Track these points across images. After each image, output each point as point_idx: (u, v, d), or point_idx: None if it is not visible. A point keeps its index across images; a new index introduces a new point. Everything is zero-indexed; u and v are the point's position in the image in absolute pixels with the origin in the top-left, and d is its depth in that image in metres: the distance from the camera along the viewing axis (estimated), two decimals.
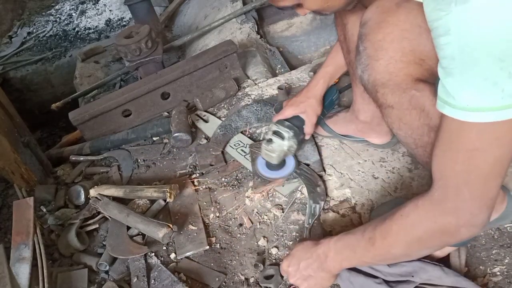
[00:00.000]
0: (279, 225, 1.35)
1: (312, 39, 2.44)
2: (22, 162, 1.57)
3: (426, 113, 0.92)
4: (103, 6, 3.77)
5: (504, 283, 1.08)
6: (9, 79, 3.04)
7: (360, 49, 0.96)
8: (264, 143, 1.39)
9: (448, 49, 0.70)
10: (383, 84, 0.94)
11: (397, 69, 0.91)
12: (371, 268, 1.09)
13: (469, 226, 0.82)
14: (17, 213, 1.38)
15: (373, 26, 0.92)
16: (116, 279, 1.29)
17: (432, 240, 0.88)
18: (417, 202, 0.87)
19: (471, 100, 0.70)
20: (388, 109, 0.98)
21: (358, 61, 0.98)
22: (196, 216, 1.42)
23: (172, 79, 1.83)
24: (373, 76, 0.95)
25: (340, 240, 1.03)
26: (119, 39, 1.92)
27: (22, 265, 1.24)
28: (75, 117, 1.76)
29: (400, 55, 0.89)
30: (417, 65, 0.90)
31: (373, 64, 0.93)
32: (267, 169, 1.45)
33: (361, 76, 0.99)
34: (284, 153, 1.38)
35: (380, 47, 0.91)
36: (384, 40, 0.90)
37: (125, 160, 1.72)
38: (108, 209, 1.41)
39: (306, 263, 1.08)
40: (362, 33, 0.95)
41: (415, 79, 0.91)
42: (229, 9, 2.55)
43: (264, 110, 1.76)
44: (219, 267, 1.28)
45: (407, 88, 0.92)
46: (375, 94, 0.98)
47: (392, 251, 0.93)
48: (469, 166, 0.77)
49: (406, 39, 0.88)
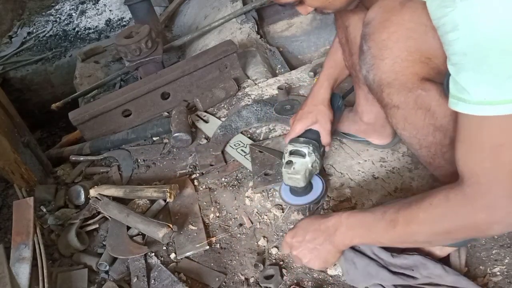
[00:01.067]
0: (279, 225, 1.35)
1: (312, 39, 2.44)
2: (22, 162, 1.57)
3: (432, 113, 0.91)
4: (103, 6, 3.78)
5: (504, 283, 1.08)
6: (9, 79, 3.04)
7: (364, 49, 0.95)
8: (285, 168, 1.23)
9: (458, 45, 0.69)
10: (389, 84, 0.93)
11: (403, 68, 0.90)
12: (374, 254, 1.08)
13: (502, 223, 0.80)
14: (17, 213, 1.38)
15: (377, 26, 0.91)
16: (116, 279, 1.29)
17: (460, 233, 0.86)
18: (448, 194, 0.83)
19: (488, 93, 0.69)
20: (393, 109, 0.97)
21: (362, 61, 0.97)
22: (196, 216, 1.42)
23: (172, 79, 1.83)
24: (379, 75, 0.94)
25: (353, 216, 1.00)
26: (119, 39, 1.92)
27: (22, 265, 1.24)
28: (75, 117, 1.77)
29: (406, 54, 0.88)
30: (423, 63, 0.89)
31: (379, 63, 0.92)
32: (293, 196, 1.28)
33: (366, 76, 0.97)
34: (309, 171, 1.24)
35: (385, 46, 0.90)
36: (389, 39, 0.89)
37: (125, 160, 1.72)
38: (108, 209, 1.41)
39: (313, 234, 1.04)
40: (366, 33, 0.94)
41: (421, 78, 0.90)
42: (229, 9, 2.55)
43: (264, 110, 1.76)
44: (219, 267, 1.28)
45: (413, 87, 0.91)
46: (380, 94, 0.97)
47: (415, 237, 0.91)
48: (498, 162, 0.75)
49: (411, 38, 0.87)
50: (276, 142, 1.59)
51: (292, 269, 1.23)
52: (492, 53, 0.66)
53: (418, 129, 0.96)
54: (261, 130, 1.71)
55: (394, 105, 0.96)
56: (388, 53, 0.90)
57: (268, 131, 1.69)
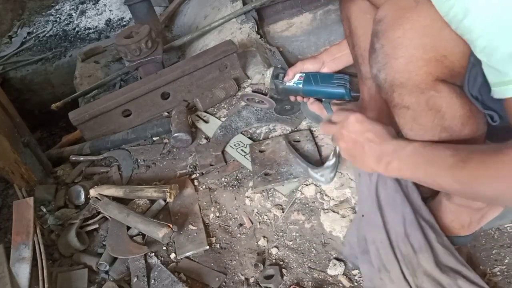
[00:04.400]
0: (279, 225, 1.35)
1: (312, 39, 2.43)
2: (22, 162, 1.57)
3: (442, 115, 0.90)
4: (103, 6, 3.77)
5: (504, 283, 1.08)
6: (9, 79, 3.04)
7: (376, 47, 0.92)
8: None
9: (477, 28, 0.68)
10: (402, 84, 0.90)
11: (418, 67, 0.87)
12: None
13: None
14: (17, 213, 1.38)
15: (390, 23, 0.88)
16: (116, 279, 1.29)
17: None
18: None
19: None
20: (403, 109, 0.95)
21: (373, 59, 0.94)
22: (196, 216, 1.42)
23: (172, 79, 1.83)
24: (392, 75, 0.91)
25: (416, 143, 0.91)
26: (119, 39, 1.92)
27: (22, 265, 1.24)
28: (75, 117, 1.77)
29: (422, 52, 0.86)
30: (438, 62, 0.87)
31: (392, 62, 0.89)
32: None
33: (377, 75, 0.95)
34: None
35: (400, 44, 0.87)
36: (404, 37, 0.86)
37: (125, 160, 1.72)
38: (108, 209, 1.41)
39: (364, 127, 0.97)
40: (378, 31, 0.91)
41: (435, 78, 0.88)
42: (229, 9, 2.54)
43: (264, 110, 1.76)
44: (219, 267, 1.28)
45: (426, 88, 0.89)
46: (390, 94, 0.95)
47: (480, 188, 0.78)
48: None
49: (427, 35, 0.85)
50: (276, 142, 1.59)
51: (292, 269, 1.24)
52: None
53: (426, 130, 0.94)
54: (261, 130, 1.71)
55: (404, 105, 0.94)
56: (403, 52, 0.87)
57: (268, 131, 1.69)
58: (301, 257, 1.27)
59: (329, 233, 1.30)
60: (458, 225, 1.12)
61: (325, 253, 1.27)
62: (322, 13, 2.40)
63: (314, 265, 1.24)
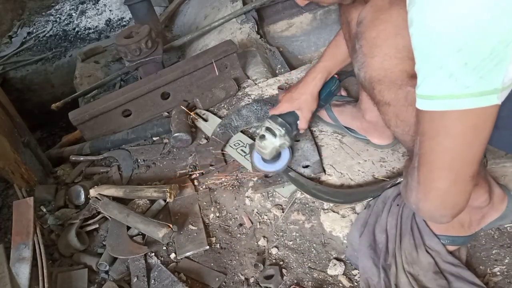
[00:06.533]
0: (279, 225, 1.35)
1: (312, 39, 2.44)
2: (22, 162, 1.57)
3: None
4: (103, 6, 3.77)
5: (504, 283, 1.08)
6: (9, 79, 3.04)
7: (356, 48, 0.98)
8: (257, 139, 1.40)
9: (413, 40, 0.71)
10: (379, 81, 0.96)
11: (392, 65, 0.93)
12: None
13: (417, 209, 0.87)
14: (17, 213, 1.38)
15: (367, 24, 0.94)
16: (116, 279, 1.29)
17: None
18: None
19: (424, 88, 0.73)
20: (385, 106, 0.99)
21: (355, 59, 1.00)
22: (196, 216, 1.42)
23: (172, 79, 1.83)
24: (369, 73, 0.97)
25: None
26: (119, 39, 1.92)
27: (22, 265, 1.24)
28: (75, 117, 1.76)
29: (395, 51, 0.92)
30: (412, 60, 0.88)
31: (369, 61, 0.96)
32: (263, 163, 1.46)
33: (358, 74, 1.01)
34: (276, 149, 1.39)
35: (374, 44, 0.93)
36: (378, 37, 0.92)
37: (125, 160, 1.72)
38: (108, 209, 1.41)
39: None
40: (358, 32, 0.97)
41: (411, 75, 0.92)
42: (229, 9, 2.55)
43: (264, 109, 1.75)
44: (219, 267, 1.28)
45: (403, 84, 0.93)
46: (372, 91, 1.00)
47: None
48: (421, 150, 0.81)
49: (399, 35, 0.90)
50: None
51: (292, 269, 1.24)
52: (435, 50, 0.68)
53: (410, 126, 0.97)
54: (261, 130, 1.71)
55: (386, 102, 0.98)
56: (378, 51, 0.93)
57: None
58: (301, 257, 1.27)
59: (329, 233, 1.30)
60: (458, 224, 1.12)
61: (325, 253, 1.27)
62: (322, 13, 2.41)
63: (314, 265, 1.24)
